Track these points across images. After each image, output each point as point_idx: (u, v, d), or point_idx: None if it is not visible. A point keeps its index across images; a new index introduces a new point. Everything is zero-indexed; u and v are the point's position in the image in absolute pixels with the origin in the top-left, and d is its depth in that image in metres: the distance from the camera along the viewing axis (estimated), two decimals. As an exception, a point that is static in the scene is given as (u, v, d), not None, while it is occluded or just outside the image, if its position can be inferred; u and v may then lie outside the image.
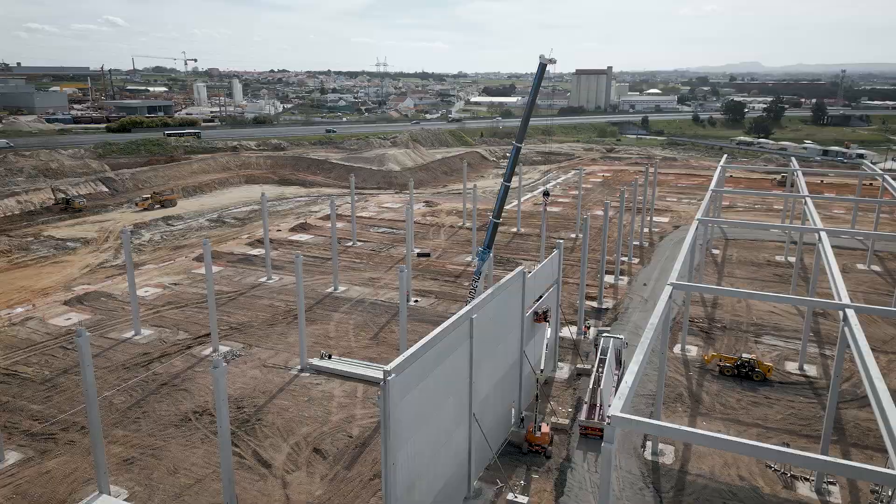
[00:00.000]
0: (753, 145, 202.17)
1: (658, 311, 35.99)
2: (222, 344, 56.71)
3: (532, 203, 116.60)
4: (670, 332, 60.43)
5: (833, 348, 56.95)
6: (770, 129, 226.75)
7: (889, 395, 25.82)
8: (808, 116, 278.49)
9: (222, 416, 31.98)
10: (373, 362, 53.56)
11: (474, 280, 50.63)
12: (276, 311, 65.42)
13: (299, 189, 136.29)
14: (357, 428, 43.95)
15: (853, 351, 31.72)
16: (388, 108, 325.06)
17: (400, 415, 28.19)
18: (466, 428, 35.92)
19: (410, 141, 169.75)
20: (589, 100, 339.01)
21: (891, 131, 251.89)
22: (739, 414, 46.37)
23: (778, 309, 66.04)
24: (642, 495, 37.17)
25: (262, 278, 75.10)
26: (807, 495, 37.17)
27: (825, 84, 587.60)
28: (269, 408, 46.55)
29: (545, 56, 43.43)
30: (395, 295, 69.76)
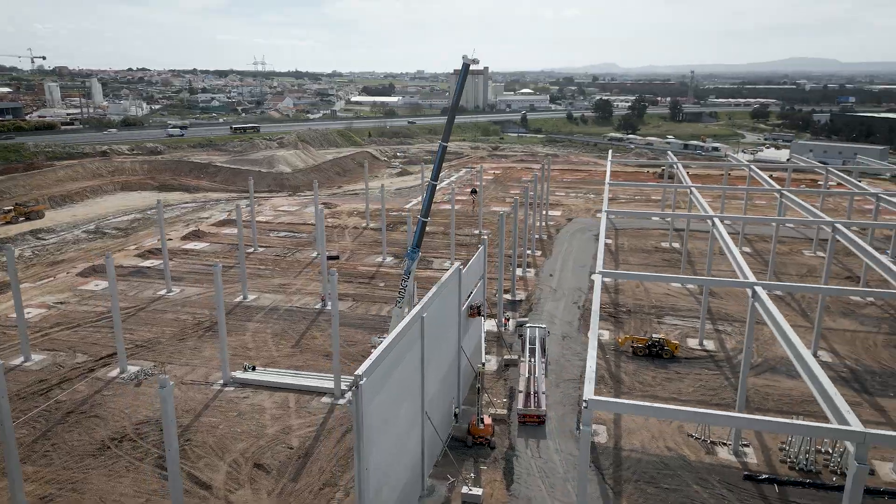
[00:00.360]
0: (623, 141, 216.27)
1: (595, 299, 37.80)
2: (130, 363, 52.82)
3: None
4: (583, 319, 64.02)
5: (724, 324, 62.65)
6: (636, 125, 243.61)
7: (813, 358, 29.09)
8: (666, 113, 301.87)
9: (171, 438, 30.10)
10: (300, 371, 52.18)
11: (404, 280, 50.63)
12: (184, 324, 61.79)
13: (183, 195, 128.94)
14: (296, 439, 42.70)
15: (770, 324, 35.27)
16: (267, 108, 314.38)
17: (370, 419, 27.94)
18: (420, 427, 36.08)
19: (299, 141, 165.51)
20: (468, 99, 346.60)
21: (737, 126, 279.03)
22: (657, 390, 49.88)
23: (673, 291, 71.49)
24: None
25: (162, 291, 70.56)
26: (726, 458, 40.79)
27: (675, 84, 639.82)
28: (196, 427, 44.05)
29: (468, 56, 44.31)
30: (310, 300, 68.23)
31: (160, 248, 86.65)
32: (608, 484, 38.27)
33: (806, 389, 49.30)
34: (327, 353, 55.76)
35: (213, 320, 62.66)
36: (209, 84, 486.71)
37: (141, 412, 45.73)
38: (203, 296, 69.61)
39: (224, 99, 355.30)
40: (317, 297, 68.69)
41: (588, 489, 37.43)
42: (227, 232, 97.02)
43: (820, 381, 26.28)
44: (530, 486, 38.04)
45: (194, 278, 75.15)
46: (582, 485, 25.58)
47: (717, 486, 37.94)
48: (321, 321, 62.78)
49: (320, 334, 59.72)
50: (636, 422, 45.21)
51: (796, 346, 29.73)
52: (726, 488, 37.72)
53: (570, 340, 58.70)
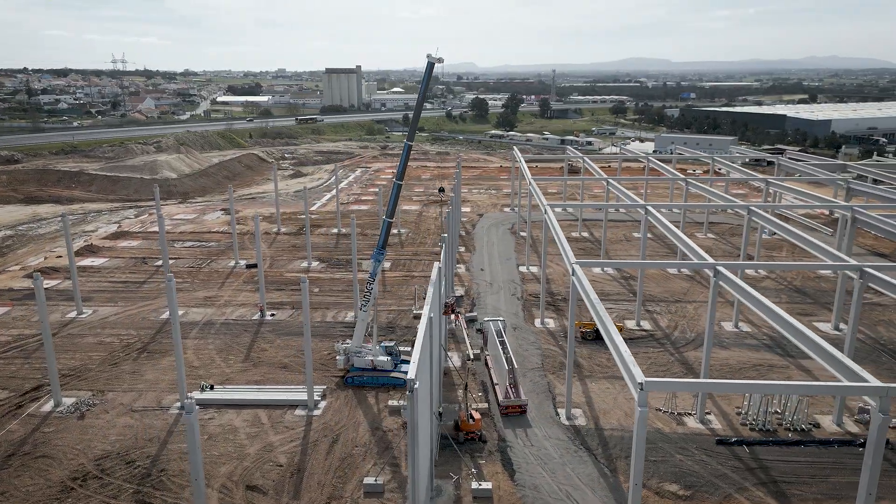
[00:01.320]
0: (504, 137, 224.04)
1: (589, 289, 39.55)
2: (65, 395, 47.60)
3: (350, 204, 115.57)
4: (526, 310, 66.22)
5: (652, 305, 67.45)
6: (513, 123, 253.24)
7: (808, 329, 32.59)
8: (536, 111, 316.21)
9: (197, 467, 27.85)
10: (261, 385, 49.73)
11: (368, 283, 49.68)
12: (111, 348, 56.52)
13: (56, 207, 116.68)
14: (282, 455, 40.82)
15: (743, 299, 38.79)
16: (127, 109, 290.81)
17: (421, 421, 27.65)
18: (429, 427, 35.97)
19: (179, 145, 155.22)
20: (342, 98, 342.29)
21: (601, 122, 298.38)
22: (614, 371, 52.70)
23: (598, 277, 75.73)
24: (579, 457, 40.86)
25: (71, 313, 63.92)
26: (695, 427, 44.28)
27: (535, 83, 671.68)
28: (166, 455, 40.75)
29: (433, 55, 44.34)
30: (245, 312, 64.89)
31: (53, 268, 78.71)
32: (602, 463, 40.25)
33: (742, 357, 54.80)
34: (283, 364, 53.63)
35: (143, 341, 57.99)
36: (48, 84, 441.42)
37: (96, 446, 41.49)
38: (122, 315, 63.94)
39: (70, 100, 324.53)
40: (251, 308, 65.46)
41: (586, 470, 39.49)
42: (126, 245, 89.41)
43: (827, 350, 29.45)
44: (533, 475, 39.13)
45: (104, 297, 68.76)
46: (638, 463, 26.91)
47: (697, 452, 41.17)
48: (265, 332, 60.01)
49: (269, 346, 57.12)
50: (606, 402, 47.81)
51: (790, 321, 33.01)
52: (705, 454, 41.03)
53: (521, 331, 60.57)
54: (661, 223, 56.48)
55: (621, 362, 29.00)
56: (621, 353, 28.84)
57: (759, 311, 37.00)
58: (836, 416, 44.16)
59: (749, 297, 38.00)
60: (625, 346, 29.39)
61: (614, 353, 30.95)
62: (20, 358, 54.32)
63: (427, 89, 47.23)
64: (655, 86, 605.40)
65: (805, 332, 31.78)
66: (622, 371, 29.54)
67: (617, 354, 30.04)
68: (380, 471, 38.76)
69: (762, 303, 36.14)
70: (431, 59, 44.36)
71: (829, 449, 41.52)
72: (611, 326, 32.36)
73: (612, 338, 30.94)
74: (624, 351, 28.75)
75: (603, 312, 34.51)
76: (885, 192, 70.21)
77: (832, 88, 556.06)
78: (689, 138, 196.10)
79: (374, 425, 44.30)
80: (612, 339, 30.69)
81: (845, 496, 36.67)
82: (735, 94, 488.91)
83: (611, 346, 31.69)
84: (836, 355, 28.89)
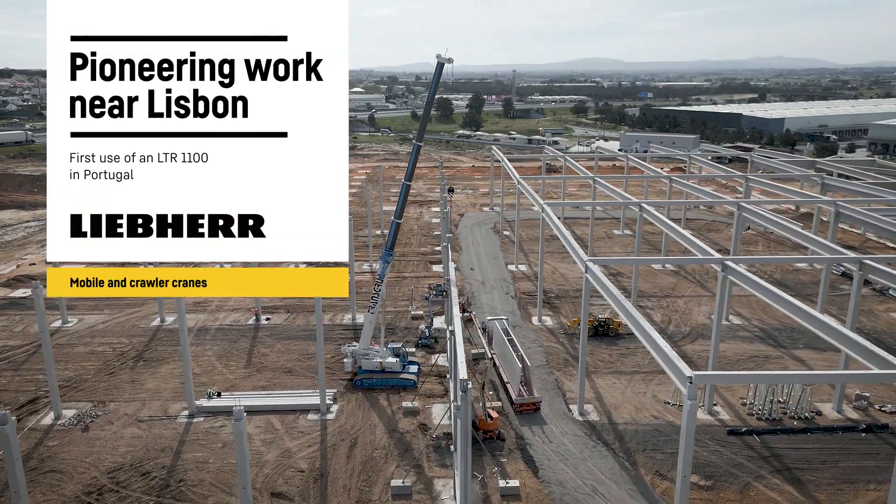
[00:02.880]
0: (472, 137, 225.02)
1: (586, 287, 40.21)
2: (64, 407, 45.95)
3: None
4: (522, 308, 66.80)
5: (643, 300, 68.81)
6: (479, 122, 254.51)
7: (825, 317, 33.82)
8: (499, 111, 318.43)
9: (245, 475, 27.33)
10: (268, 390, 48.97)
11: (377, 284, 49.36)
12: (105, 357, 54.82)
13: (20, 213, 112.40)
14: (302, 461, 40.31)
15: (756, 292, 39.99)
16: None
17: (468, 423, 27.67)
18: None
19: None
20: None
21: (563, 121, 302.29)
22: (618, 366, 53.88)
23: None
24: (598, 451, 41.50)
25: (56, 322, 61.66)
26: (704, 418, 45.30)
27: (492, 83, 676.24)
28: (181, 465, 39.78)
29: (442, 56, 44.30)
30: (239, 316, 63.74)
31: (28, 276, 75.84)
32: (621, 457, 40.96)
33: (738, 349, 56.35)
34: (287, 368, 52.94)
35: (138, 349, 56.43)
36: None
37: (106, 459, 40.23)
38: (110, 323, 62.08)
39: (19, 102, 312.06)
40: (244, 313, 64.33)
41: (607, 465, 40.14)
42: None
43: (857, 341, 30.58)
44: (556, 471, 39.57)
45: (88, 305, 66.50)
46: (687, 455, 27.48)
47: (710, 443, 42.24)
48: (263, 337, 59.07)
49: (269, 351, 56.26)
50: (615, 397, 48.65)
51: (811, 313, 34.16)
52: (719, 445, 42.15)
53: (520, 329, 61.02)
54: (660, 220, 57.67)
55: (663, 358, 29.60)
56: (662, 349, 29.45)
57: (775, 304, 38.22)
58: (836, 403, 45.91)
59: (762, 289, 39.18)
60: (664, 341, 30.01)
61: (652, 349, 31.57)
62: (9, 370, 52.22)
63: (436, 90, 47.18)
64: (611, 85, 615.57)
65: (830, 324, 32.94)
66: (664, 366, 30.16)
67: (656, 350, 30.65)
68: (406, 473, 38.61)
69: (778, 295, 37.30)
70: (441, 59, 44.34)
71: (834, 435, 43.15)
72: (644, 323, 33.01)
73: (648, 334, 31.55)
74: (664, 346, 29.38)
75: (631, 308, 35.19)
76: (859, 186, 73.24)
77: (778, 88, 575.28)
78: (653, 137, 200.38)
79: (391, 427, 44.11)
80: (649, 336, 31.31)
81: (857, 480, 38.23)
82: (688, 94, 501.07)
83: (647, 342, 32.31)
84: (869, 346, 29.98)
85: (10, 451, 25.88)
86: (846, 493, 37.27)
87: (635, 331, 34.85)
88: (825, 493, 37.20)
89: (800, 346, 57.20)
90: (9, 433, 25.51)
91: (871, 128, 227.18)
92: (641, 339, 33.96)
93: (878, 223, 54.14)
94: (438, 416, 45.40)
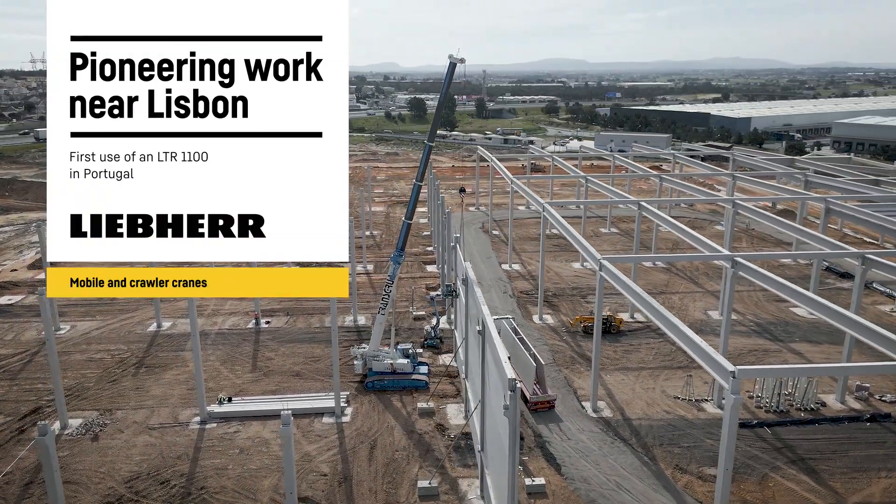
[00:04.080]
0: (448, 137, 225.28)
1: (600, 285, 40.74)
2: (71, 416, 44.69)
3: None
4: (521, 307, 67.19)
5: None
6: (454, 122, 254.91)
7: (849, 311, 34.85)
8: (472, 111, 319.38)
9: (291, 481, 27.00)
10: (278, 394, 48.35)
11: (388, 285, 49.13)
12: (104, 364, 53.48)
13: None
14: (324, 464, 39.94)
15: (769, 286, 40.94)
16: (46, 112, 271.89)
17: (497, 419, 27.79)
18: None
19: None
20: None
21: (535, 121, 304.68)
22: (623, 362, 54.56)
23: (580, 272, 77.77)
24: (617, 447, 42.01)
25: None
26: (714, 412, 46.25)
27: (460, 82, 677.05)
28: (200, 472, 39.05)
29: (454, 56, 44.35)
30: (237, 320, 62.78)
31: (11, 282, 73.68)
32: (640, 452, 41.53)
33: (737, 343, 57.48)
34: (295, 372, 52.35)
35: (138, 356, 55.18)
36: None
37: (121, 468, 39.27)
38: (105, 329, 60.55)
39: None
40: (242, 316, 63.39)
41: (627, 460, 40.67)
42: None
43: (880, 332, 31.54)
44: (578, 468, 39.93)
45: (79, 311, 64.77)
46: (729, 449, 28.02)
47: (724, 436, 43.06)
48: (265, 340, 58.29)
49: (274, 354, 55.54)
50: (625, 393, 49.28)
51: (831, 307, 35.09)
52: (732, 437, 42.99)
53: (523, 328, 61.27)
54: (661, 219, 58.60)
55: (701, 354, 30.07)
56: (698, 345, 29.96)
57: (790, 298, 39.17)
58: (840, 394, 47.26)
59: (774, 283, 40.12)
60: (698, 337, 30.54)
61: (686, 345, 32.06)
62: (6, 380, 50.59)
63: (448, 91, 47.14)
64: (577, 86, 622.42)
65: (852, 317, 33.87)
66: (702, 362, 30.66)
67: (691, 346, 31.14)
68: (431, 474, 38.54)
69: (792, 289, 38.25)
70: (453, 59, 44.38)
71: (841, 426, 44.44)
72: (674, 319, 33.52)
73: (681, 330, 32.06)
74: (700, 342, 29.89)
75: (658, 305, 35.67)
76: (840, 183, 75.54)
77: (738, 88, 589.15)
78: (627, 136, 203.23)
79: (408, 428, 43.96)
80: (682, 331, 31.81)
81: (868, 468, 39.42)
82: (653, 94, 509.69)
83: (679, 338, 32.79)
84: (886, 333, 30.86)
85: (49, 463, 25.12)
86: (860, 481, 38.42)
87: (664, 327, 35.38)
88: (840, 482, 38.29)
89: (796, 339, 58.74)
90: (48, 444, 24.72)
91: (834, 126, 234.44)
92: (671, 335, 34.51)
93: (871, 219, 55.85)
94: (454, 417, 45.49)
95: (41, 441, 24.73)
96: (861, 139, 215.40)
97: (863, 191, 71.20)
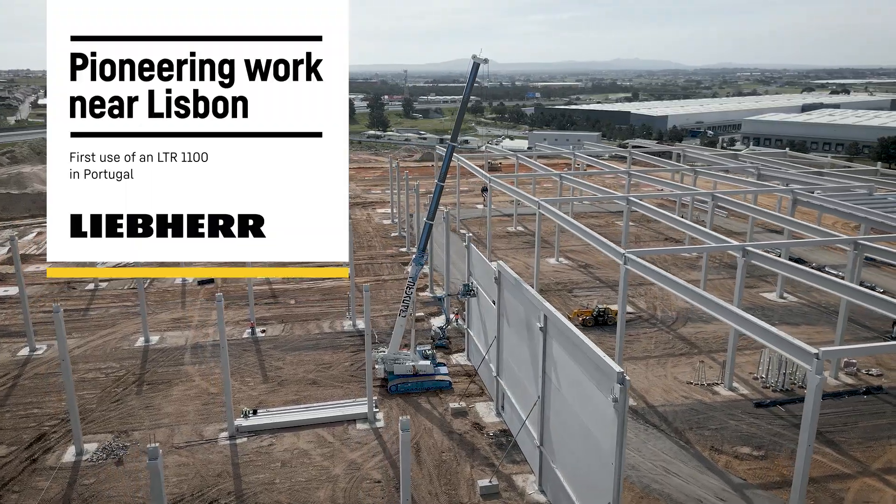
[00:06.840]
0: (382, 137, 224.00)
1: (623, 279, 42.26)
2: (86, 442, 41.55)
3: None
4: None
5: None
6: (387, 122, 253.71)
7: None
8: (400, 111, 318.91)
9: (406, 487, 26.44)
10: (300, 405, 46.89)
11: (409, 287, 48.56)
12: (100, 384, 49.95)
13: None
14: (374, 471, 39.19)
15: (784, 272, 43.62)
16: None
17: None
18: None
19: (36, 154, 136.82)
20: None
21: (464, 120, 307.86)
22: (628, 352, 56.35)
23: (557, 267, 79.73)
24: (652, 434, 43.58)
25: (24, 351, 55.35)
26: (728, 394, 48.87)
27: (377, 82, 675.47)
28: (249, 489, 37.41)
29: (478, 56, 44.42)
30: (231, 330, 60.07)
31: (-39, 300, 67.26)
32: (674, 437, 43.30)
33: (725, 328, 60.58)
34: (311, 380, 50.90)
35: (134, 373, 51.91)
36: None
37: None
38: (87, 347, 56.53)
39: None
40: (235, 326, 60.83)
41: (665, 445, 42.32)
42: (35, 270, 78.02)
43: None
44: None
45: (51, 329, 59.85)
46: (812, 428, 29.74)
47: (745, 417, 45.62)
48: (267, 350, 56.26)
49: (281, 363, 53.73)
50: (641, 382, 51.12)
51: (855, 287, 37.92)
52: (752, 417, 45.59)
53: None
54: (655, 213, 61.01)
55: (772, 339, 31.66)
56: (769, 331, 31.58)
57: (809, 282, 41.94)
58: (834, 371, 51.00)
59: (791, 269, 42.88)
60: (765, 323, 32.23)
61: (751, 331, 33.64)
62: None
63: (471, 90, 47.24)
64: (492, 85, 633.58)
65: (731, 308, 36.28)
66: (774, 347, 32.34)
67: (759, 332, 32.68)
68: (487, 473, 38.65)
69: (812, 273, 41.02)
70: (477, 59, 44.60)
71: (842, 399, 48.01)
72: (728, 305, 35.14)
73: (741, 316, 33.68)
74: (771, 328, 31.56)
75: (706, 294, 37.29)
76: (790, 175, 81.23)
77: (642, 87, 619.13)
78: (560, 135, 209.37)
79: (446, 429, 43.82)
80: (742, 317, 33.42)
81: (879, 437, 42.85)
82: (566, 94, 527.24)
83: (739, 324, 34.38)
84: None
85: (158, 487, 23.48)
86: (875, 449, 41.72)
87: (714, 313, 36.99)
88: (859, 451, 41.44)
89: (775, 322, 62.71)
90: (160, 467, 23.13)
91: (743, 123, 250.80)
92: (726, 321, 36.21)
93: (839, 207, 60.53)
94: (485, 415, 45.72)
95: (153, 465, 23.05)
96: (768, 135, 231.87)
97: (814, 182, 76.93)
